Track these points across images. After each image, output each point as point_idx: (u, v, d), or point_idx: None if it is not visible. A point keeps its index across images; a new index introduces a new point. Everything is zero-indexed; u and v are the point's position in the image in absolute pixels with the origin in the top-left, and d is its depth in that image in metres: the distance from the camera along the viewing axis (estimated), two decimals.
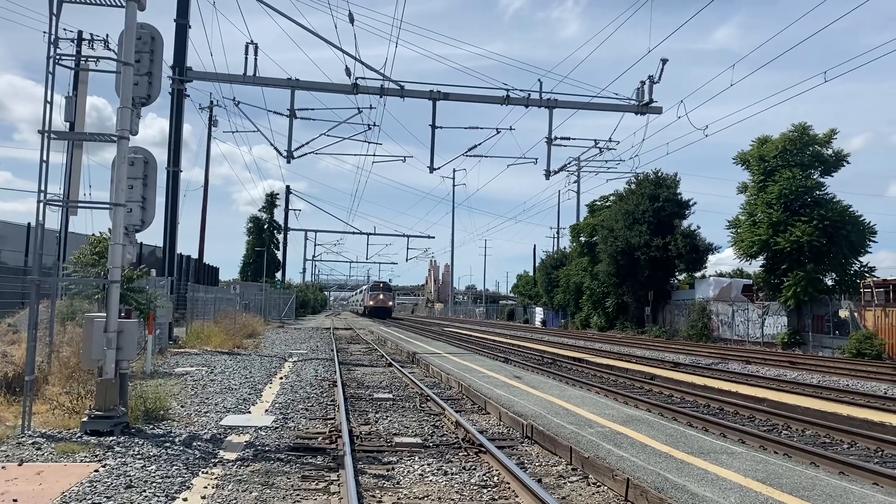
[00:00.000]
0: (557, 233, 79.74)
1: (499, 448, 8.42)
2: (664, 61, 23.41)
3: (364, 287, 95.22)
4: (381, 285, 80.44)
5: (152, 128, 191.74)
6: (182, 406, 11.12)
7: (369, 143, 30.00)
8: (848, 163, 34.90)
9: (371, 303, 77.14)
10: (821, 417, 11.78)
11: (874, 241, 33.96)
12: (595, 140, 26.54)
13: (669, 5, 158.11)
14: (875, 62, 71.42)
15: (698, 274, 48.77)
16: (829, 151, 34.93)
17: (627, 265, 46.37)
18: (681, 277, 49.69)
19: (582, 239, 58.92)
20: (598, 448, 8.06)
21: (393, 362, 20.27)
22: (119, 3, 9.27)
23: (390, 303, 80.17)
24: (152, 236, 74.23)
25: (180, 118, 23.50)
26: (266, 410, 11.18)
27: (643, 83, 24.07)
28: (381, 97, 23.79)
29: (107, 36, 26.57)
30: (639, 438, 8.72)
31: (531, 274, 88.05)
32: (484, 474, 7.48)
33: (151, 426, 9.26)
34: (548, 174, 26.06)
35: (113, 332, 8.70)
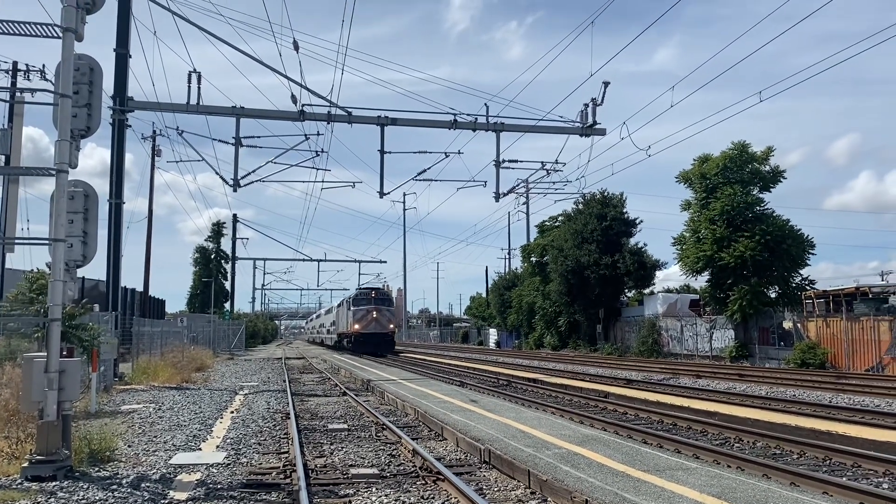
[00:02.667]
0: (509, 254, 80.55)
1: (457, 475, 8.35)
2: (606, 84, 23.98)
3: (336, 305, 58.46)
4: (374, 295, 46.55)
5: (92, 158, 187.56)
6: (129, 446, 10.75)
7: (318, 169, 29.82)
8: (785, 178, 36.26)
9: (357, 326, 44.85)
10: (770, 429, 12.02)
11: (813, 254, 35.18)
12: (542, 162, 27.07)
13: (610, 28, 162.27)
14: (807, 81, 74.34)
15: (647, 290, 49.74)
16: (767, 168, 36.17)
17: (578, 284, 46.96)
18: (630, 294, 50.58)
19: (533, 259, 59.56)
20: (555, 470, 8.06)
21: (347, 391, 20.00)
22: (55, 35, 9.05)
23: (391, 325, 46.47)
24: (95, 270, 72.05)
25: (122, 149, 23.00)
26: (217, 446, 10.89)
27: (587, 106, 24.60)
28: (328, 123, 23.74)
29: (43, 66, 25.87)
30: (595, 458, 8.75)
31: (484, 295, 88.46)
32: (443, 502, 7.40)
33: (97, 468, 8.91)
34: (497, 196, 26.33)
35: (54, 373, 8.37)
